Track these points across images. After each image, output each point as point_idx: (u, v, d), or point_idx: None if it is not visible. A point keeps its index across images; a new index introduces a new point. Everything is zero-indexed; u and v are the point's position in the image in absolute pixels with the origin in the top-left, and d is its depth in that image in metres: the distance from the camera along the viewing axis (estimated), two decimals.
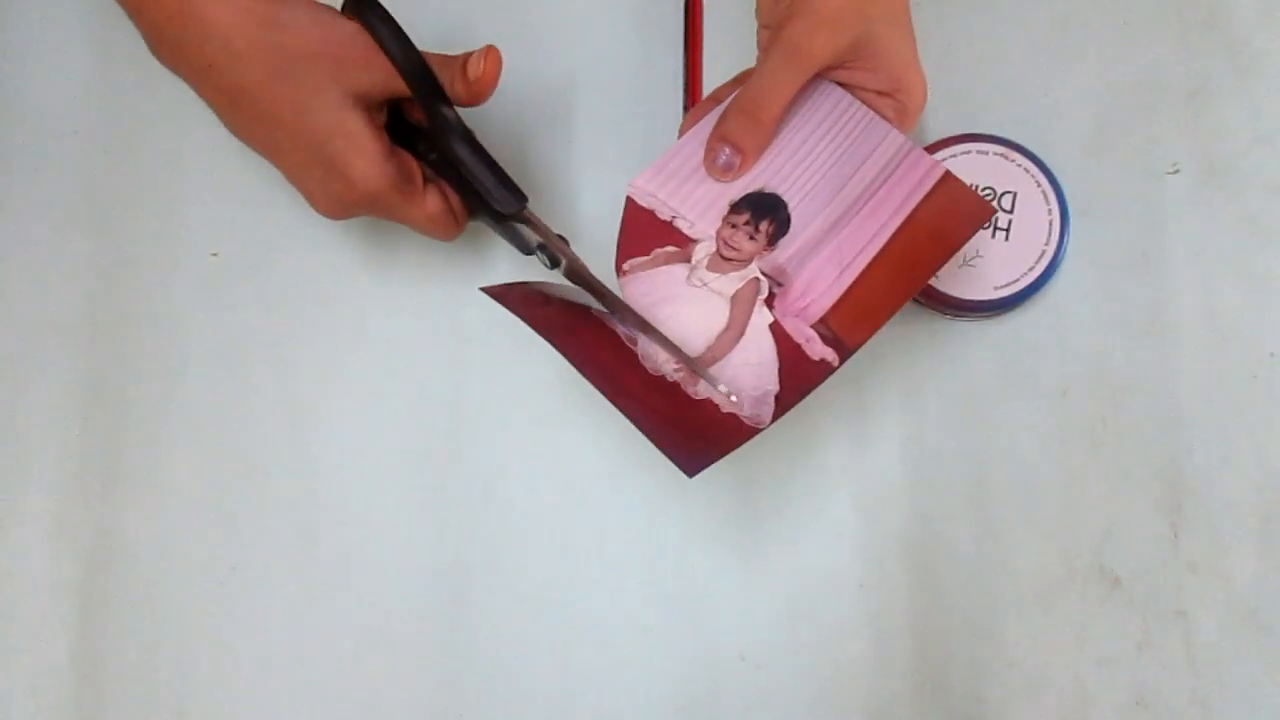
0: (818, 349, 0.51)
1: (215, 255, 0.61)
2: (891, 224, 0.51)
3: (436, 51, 0.52)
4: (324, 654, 0.57)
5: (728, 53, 0.61)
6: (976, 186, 0.56)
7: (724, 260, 0.53)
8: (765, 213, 0.53)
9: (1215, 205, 0.59)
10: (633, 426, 0.48)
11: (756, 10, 0.56)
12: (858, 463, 0.58)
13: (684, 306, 0.52)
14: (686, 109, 0.60)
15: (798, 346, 0.51)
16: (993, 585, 0.57)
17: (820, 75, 0.52)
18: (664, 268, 0.53)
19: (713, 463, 0.48)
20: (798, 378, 0.50)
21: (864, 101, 0.53)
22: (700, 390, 0.51)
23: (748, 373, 0.51)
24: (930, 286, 0.56)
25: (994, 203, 0.56)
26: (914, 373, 0.58)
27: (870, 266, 0.51)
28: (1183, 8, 0.60)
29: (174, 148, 0.61)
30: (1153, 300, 0.58)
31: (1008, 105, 0.60)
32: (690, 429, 0.50)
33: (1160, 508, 0.57)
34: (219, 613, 0.58)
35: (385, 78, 0.50)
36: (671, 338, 0.52)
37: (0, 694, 0.57)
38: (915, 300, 0.58)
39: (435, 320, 0.59)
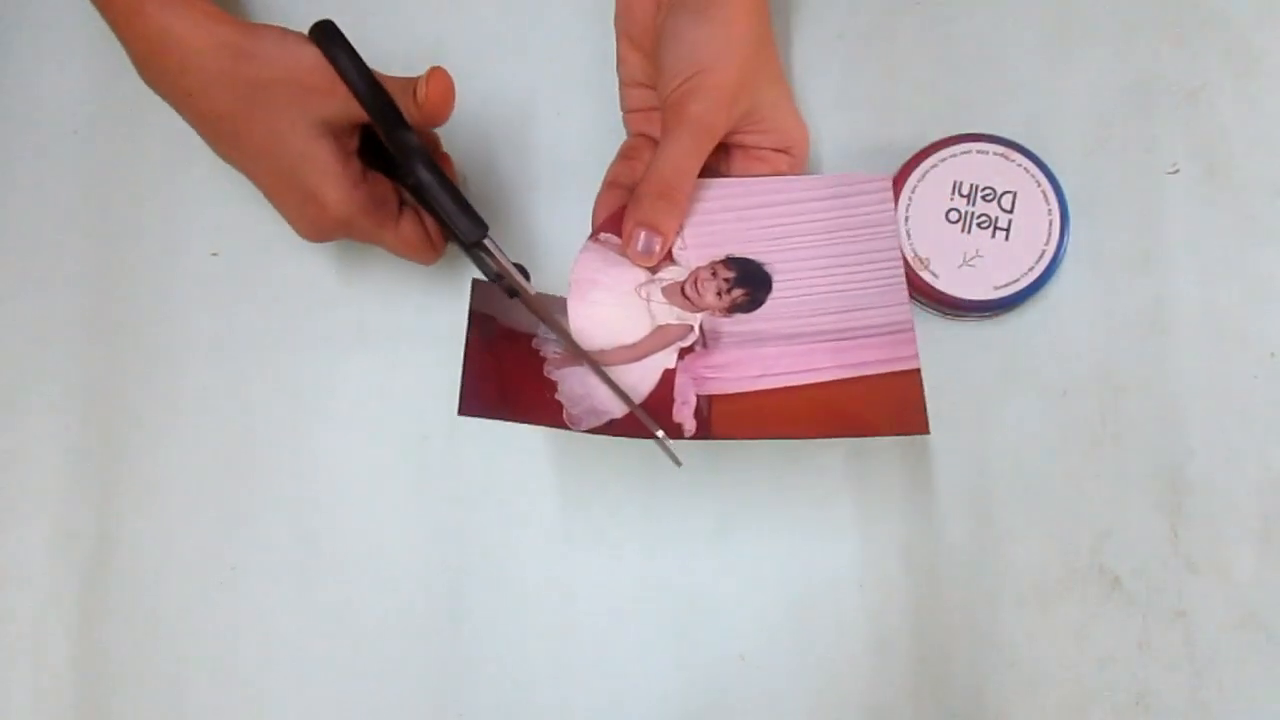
0: (684, 414, 0.51)
1: (215, 255, 0.61)
2: (835, 373, 0.51)
3: (399, 75, 0.51)
4: (323, 654, 0.57)
5: None
6: (976, 186, 0.56)
7: (682, 296, 0.53)
8: (748, 284, 0.53)
9: (1215, 205, 0.59)
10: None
11: (618, 66, 0.56)
12: (858, 462, 0.58)
13: (613, 304, 0.53)
14: None
15: (670, 401, 0.51)
16: (993, 585, 0.57)
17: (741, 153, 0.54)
18: (629, 263, 0.53)
19: (489, 418, 0.49)
20: (644, 423, 0.51)
21: (760, 159, 0.54)
22: (553, 375, 0.52)
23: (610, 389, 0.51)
24: (930, 286, 0.56)
25: (994, 203, 0.56)
26: None
27: (787, 390, 0.51)
28: (1183, 8, 0.60)
29: (174, 148, 0.61)
30: (1153, 300, 0.58)
31: (1008, 105, 0.60)
32: (506, 385, 0.51)
33: (1160, 508, 0.57)
34: (219, 613, 0.58)
35: (347, 105, 0.50)
36: (582, 323, 0.52)
37: (0, 694, 0.57)
38: (915, 300, 0.58)
39: (434, 319, 0.59)
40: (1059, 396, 0.58)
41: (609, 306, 0.52)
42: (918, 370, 0.50)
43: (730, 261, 0.53)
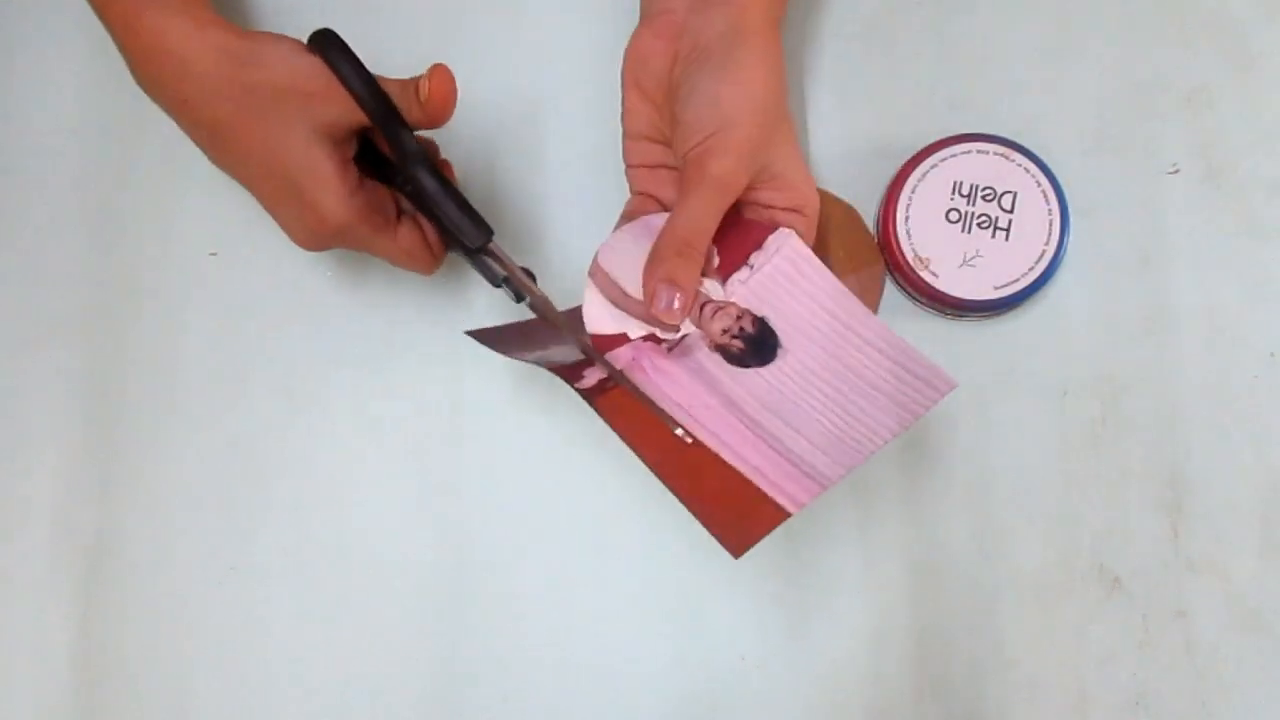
0: (594, 373, 0.52)
1: (215, 255, 0.61)
2: (732, 458, 0.50)
3: (397, 77, 0.51)
4: (323, 654, 0.57)
5: None
6: (976, 186, 0.56)
7: (698, 308, 0.53)
8: (753, 347, 0.52)
9: (1215, 205, 0.59)
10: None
11: (624, 116, 0.55)
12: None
13: (639, 266, 0.52)
14: None
15: (599, 352, 0.52)
16: (993, 585, 0.57)
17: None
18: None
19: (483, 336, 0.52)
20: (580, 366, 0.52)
21: (773, 218, 0.53)
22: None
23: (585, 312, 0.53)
24: (930, 286, 0.56)
25: (994, 203, 0.56)
26: None
27: (689, 444, 0.50)
28: (1183, 8, 0.60)
29: (174, 148, 0.61)
30: (1153, 300, 0.58)
31: (1008, 105, 0.60)
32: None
33: (1160, 507, 0.57)
34: (219, 613, 0.58)
35: (349, 110, 0.50)
36: (609, 255, 0.53)
37: (0, 694, 0.57)
38: (915, 300, 0.58)
39: (434, 319, 0.59)
40: (1059, 396, 0.58)
41: (636, 266, 0.52)
42: (789, 515, 0.49)
43: (760, 322, 0.53)
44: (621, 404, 0.51)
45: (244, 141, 0.50)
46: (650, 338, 0.53)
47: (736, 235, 0.53)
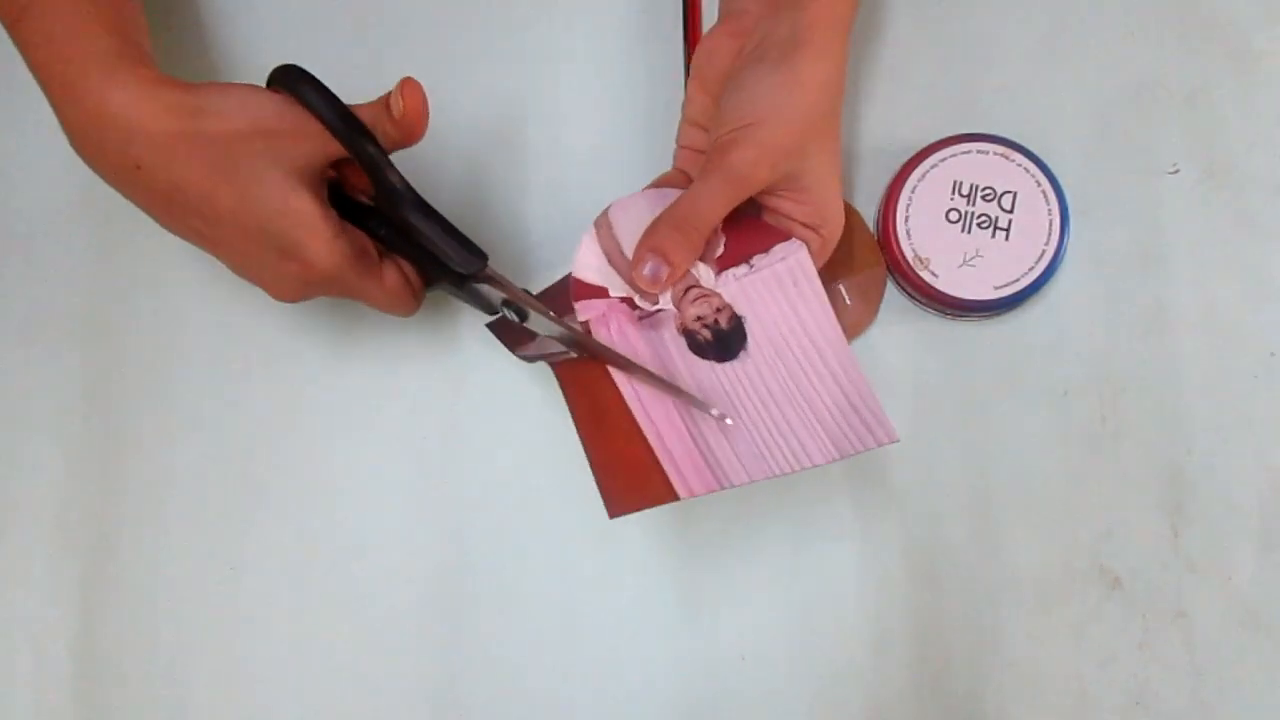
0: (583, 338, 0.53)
1: None
2: (650, 433, 0.51)
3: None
4: (324, 654, 0.57)
5: None
6: (976, 186, 0.56)
7: (683, 290, 0.53)
8: (719, 341, 0.53)
9: (1215, 205, 0.59)
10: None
11: (684, 103, 0.55)
12: (857, 462, 0.58)
13: (638, 234, 0.52)
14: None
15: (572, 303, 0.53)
16: (993, 585, 0.57)
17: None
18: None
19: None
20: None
21: (789, 230, 0.53)
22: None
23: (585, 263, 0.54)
24: (930, 286, 0.56)
25: (994, 203, 0.56)
26: (914, 373, 0.58)
27: (621, 402, 0.52)
28: (1183, 8, 0.60)
29: None
30: (1153, 300, 0.58)
31: (1008, 105, 0.60)
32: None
33: (1160, 508, 0.57)
34: (219, 613, 0.58)
35: (322, 144, 0.47)
36: (618, 213, 0.54)
37: (0, 694, 0.57)
38: (915, 300, 0.58)
39: (436, 319, 0.59)
40: (1059, 396, 0.58)
41: (639, 229, 0.52)
42: (677, 499, 0.50)
43: (737, 320, 0.53)
44: (570, 372, 0.52)
45: (210, 200, 0.46)
46: (627, 301, 0.53)
47: (749, 234, 0.53)
